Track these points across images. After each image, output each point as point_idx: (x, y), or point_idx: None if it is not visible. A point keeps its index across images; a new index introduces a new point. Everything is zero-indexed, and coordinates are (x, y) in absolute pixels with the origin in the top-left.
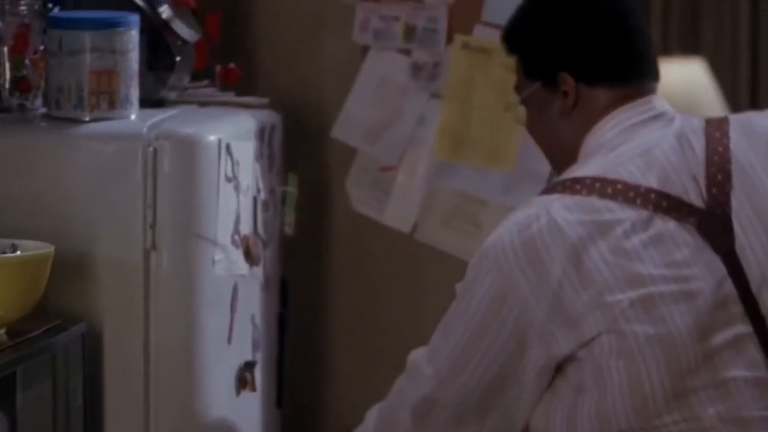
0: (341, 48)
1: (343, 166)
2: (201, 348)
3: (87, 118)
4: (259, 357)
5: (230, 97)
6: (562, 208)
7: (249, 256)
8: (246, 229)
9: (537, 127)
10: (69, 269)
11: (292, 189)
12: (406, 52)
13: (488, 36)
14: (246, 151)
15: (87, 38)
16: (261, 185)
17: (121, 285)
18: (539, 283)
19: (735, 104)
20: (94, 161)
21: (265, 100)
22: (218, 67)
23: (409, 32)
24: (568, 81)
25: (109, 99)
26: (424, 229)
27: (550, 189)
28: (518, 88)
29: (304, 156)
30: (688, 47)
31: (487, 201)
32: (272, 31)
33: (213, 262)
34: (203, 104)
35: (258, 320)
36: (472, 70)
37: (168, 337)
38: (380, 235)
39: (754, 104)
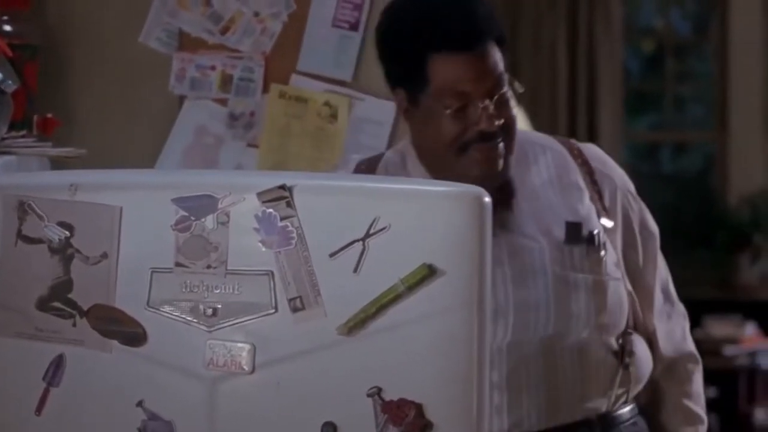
0: (158, 98)
1: None
2: None
3: None
4: None
5: (48, 147)
6: None
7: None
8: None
9: None
10: None
11: None
12: (223, 102)
13: (304, 85)
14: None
15: None
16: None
17: None
18: None
19: None
20: None
21: (82, 151)
22: (36, 117)
23: (226, 82)
24: None
25: None
26: None
27: None
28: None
29: None
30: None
31: None
32: (89, 80)
33: None
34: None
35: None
36: (289, 119)
37: None
38: None
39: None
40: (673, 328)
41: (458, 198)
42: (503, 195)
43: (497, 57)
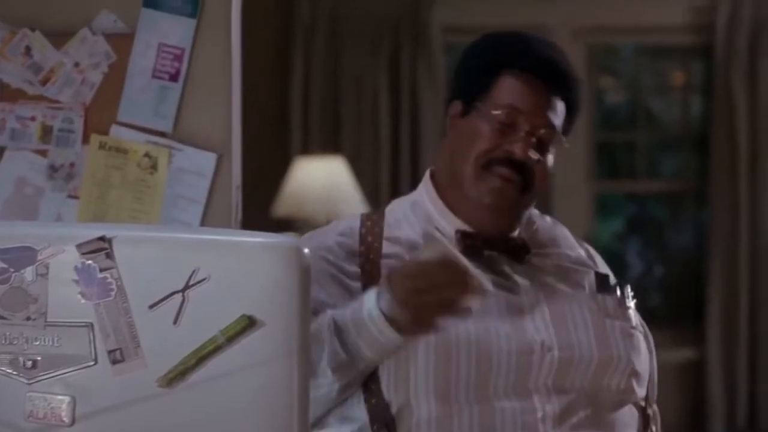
0: None
1: None
2: None
3: None
4: None
5: None
6: None
7: None
8: None
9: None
10: None
11: None
12: (43, 153)
13: (124, 136)
14: None
15: None
16: None
17: None
18: None
19: (376, 197)
20: None
21: None
22: None
23: (46, 132)
24: None
25: None
26: None
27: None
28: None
29: None
30: (329, 146)
31: None
32: None
33: None
34: None
35: None
36: (109, 170)
37: None
38: None
39: (395, 196)
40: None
41: (276, 249)
42: (515, 248)
43: (560, 110)
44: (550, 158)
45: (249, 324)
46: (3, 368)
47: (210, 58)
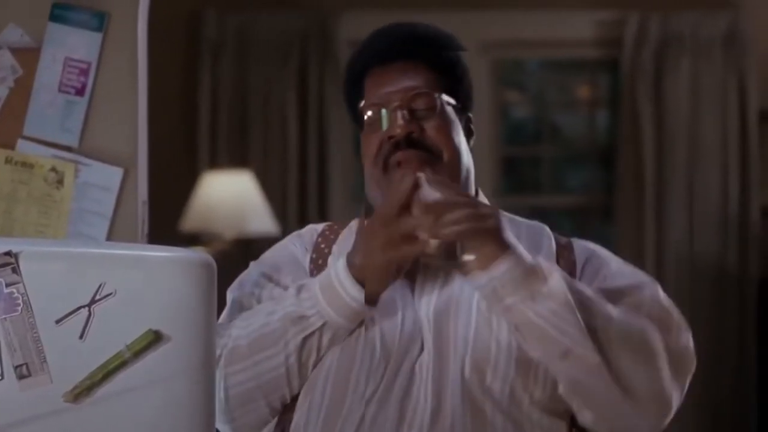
0: None
1: None
2: None
3: None
4: None
5: None
6: None
7: None
8: None
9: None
10: None
11: None
12: None
13: (31, 150)
14: None
15: None
16: None
17: None
18: None
19: (284, 212)
20: None
21: None
22: None
23: None
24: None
25: None
26: None
27: None
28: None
29: None
30: (236, 160)
31: None
32: None
33: None
34: None
35: None
36: (15, 184)
37: None
38: None
39: (303, 210)
40: None
41: (183, 264)
42: None
43: (427, 78)
44: (450, 118)
45: (155, 339)
46: None
47: (116, 73)
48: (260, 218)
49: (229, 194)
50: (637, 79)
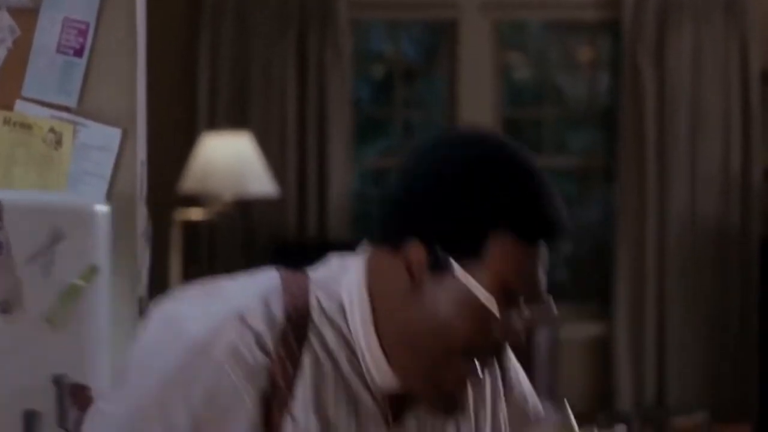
0: None
1: None
2: None
3: None
4: None
5: None
6: None
7: None
8: None
9: None
10: None
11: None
12: None
13: (29, 111)
14: None
15: None
16: None
17: None
18: None
19: (283, 174)
20: None
21: None
22: None
23: None
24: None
25: None
26: None
27: None
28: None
29: None
30: (236, 121)
31: None
32: None
33: None
34: None
35: None
36: (14, 146)
37: None
38: None
39: (302, 173)
40: None
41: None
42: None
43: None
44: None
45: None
46: None
47: (115, 33)
48: (259, 180)
49: (228, 155)
50: (637, 41)
